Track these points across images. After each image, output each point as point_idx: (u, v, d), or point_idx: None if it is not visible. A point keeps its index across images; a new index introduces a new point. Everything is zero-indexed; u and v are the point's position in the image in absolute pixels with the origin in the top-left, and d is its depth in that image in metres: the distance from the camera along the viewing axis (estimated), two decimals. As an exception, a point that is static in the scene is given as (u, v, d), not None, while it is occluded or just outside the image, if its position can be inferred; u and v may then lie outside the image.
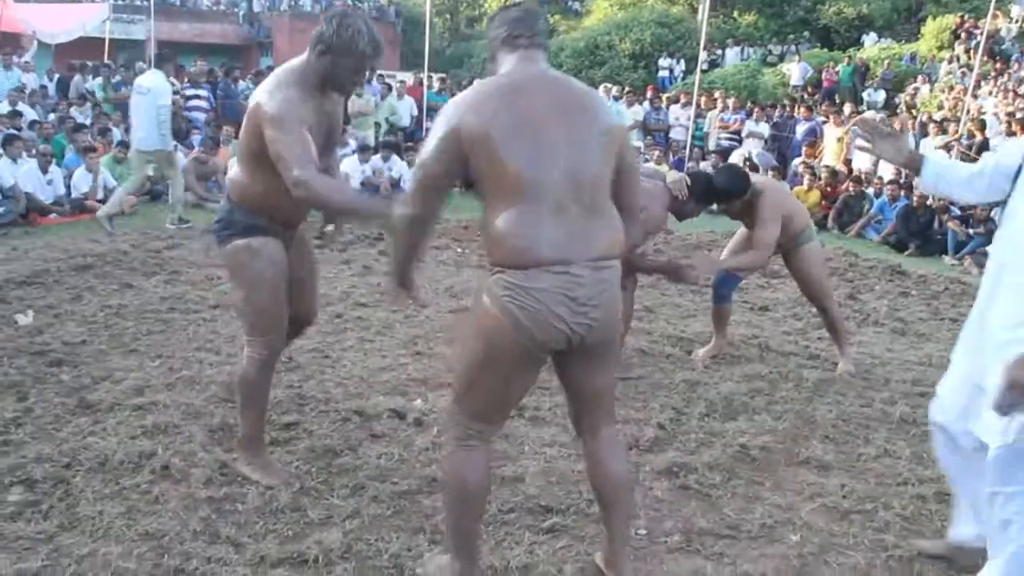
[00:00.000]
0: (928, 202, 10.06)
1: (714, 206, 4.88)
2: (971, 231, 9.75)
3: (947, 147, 12.26)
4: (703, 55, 16.58)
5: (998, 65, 17.85)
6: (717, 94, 15.67)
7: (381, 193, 10.86)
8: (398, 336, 5.25)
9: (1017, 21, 19.32)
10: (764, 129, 14.11)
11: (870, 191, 11.18)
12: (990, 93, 15.83)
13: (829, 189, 11.36)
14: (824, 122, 13.84)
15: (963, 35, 19.79)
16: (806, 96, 18.42)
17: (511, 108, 2.29)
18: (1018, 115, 13.45)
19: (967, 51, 18.46)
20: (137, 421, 3.71)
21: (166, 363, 4.53)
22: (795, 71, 20.42)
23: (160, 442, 3.50)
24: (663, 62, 24.04)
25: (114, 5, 20.02)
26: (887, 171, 11.97)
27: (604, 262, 2.35)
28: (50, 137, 10.42)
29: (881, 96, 17.97)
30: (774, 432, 3.99)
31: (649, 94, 16.40)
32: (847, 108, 14.49)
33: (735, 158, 12.44)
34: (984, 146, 12.36)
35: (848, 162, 12.33)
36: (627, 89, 16.82)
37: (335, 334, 5.24)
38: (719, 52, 24.29)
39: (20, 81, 13.13)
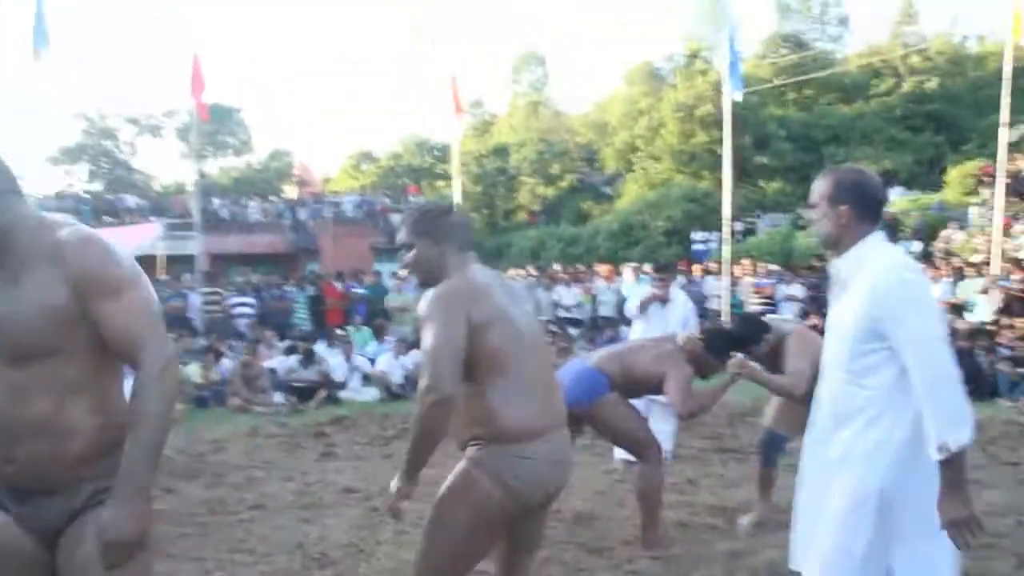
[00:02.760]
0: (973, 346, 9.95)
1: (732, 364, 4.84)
2: (1022, 371, 9.54)
3: (985, 290, 12.20)
4: (732, 226, 16.87)
5: (1024, 204, 17.90)
6: (747, 261, 15.85)
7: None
8: (435, 525, 5.16)
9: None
10: (798, 290, 14.16)
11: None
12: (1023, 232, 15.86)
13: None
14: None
15: (986, 180, 19.99)
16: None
17: (490, 301, 2.62)
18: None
19: (993, 194, 18.59)
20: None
21: (200, 565, 4.51)
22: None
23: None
24: (696, 235, 24.51)
25: (168, 224, 21.13)
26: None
27: (564, 426, 2.74)
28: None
29: (917, 246, 18.01)
30: (823, 598, 3.80)
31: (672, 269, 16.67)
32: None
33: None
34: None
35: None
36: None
37: (369, 528, 5.17)
38: (752, 221, 24.75)
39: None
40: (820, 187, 2.62)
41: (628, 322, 7.87)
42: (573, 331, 13.45)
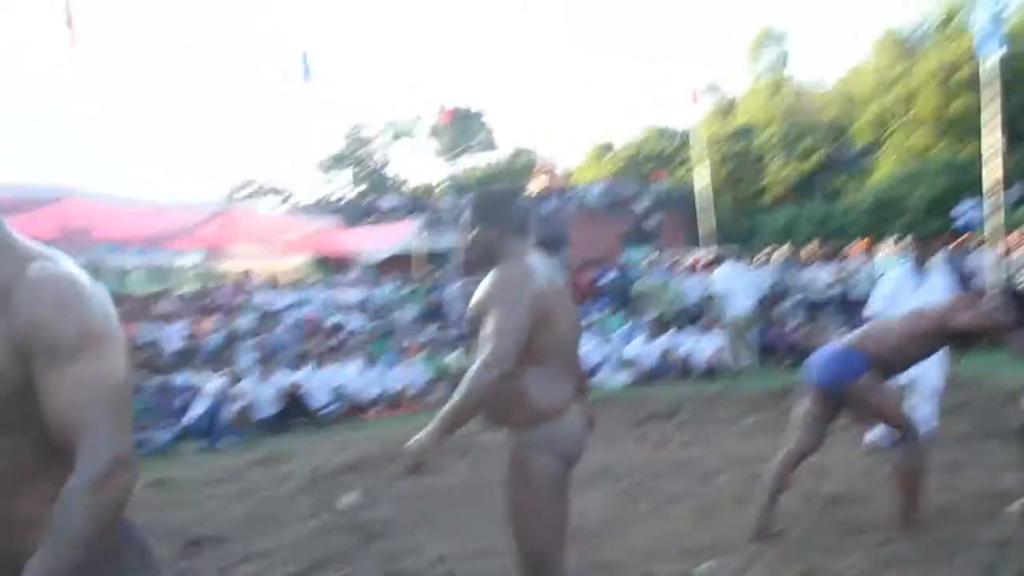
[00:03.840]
0: None
1: None
2: None
3: None
4: (1003, 195, 15.48)
5: None
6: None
7: (669, 370, 11.06)
8: (689, 504, 5.25)
9: None
10: (1080, 262, 12.86)
11: None
12: None
13: None
14: None
15: None
16: None
17: (546, 293, 2.82)
18: None
19: None
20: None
21: (465, 535, 4.86)
22: None
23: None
24: (961, 207, 22.72)
25: (422, 222, 22.37)
26: None
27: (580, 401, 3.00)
28: (372, 341, 11.72)
29: None
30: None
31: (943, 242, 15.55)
32: None
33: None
34: None
35: None
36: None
37: (625, 504, 5.36)
38: (1030, 187, 22.54)
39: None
40: None
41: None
42: (827, 311, 12.97)
